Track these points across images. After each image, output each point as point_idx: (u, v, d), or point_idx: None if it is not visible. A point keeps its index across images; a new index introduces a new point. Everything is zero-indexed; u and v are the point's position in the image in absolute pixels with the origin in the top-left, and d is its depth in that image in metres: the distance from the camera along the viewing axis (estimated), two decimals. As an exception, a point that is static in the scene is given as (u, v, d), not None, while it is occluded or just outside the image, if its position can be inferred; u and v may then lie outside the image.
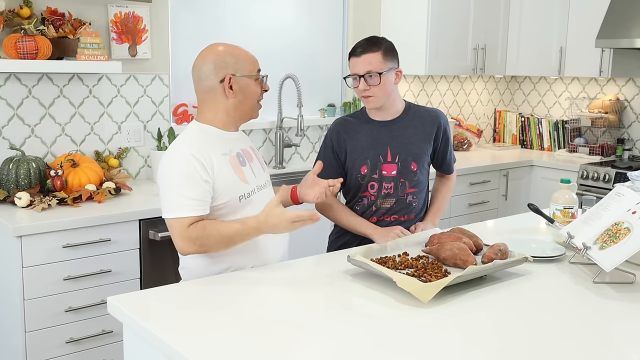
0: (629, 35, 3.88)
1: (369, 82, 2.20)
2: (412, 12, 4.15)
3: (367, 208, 2.34)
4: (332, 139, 2.36)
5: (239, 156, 1.98)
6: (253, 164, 2.04)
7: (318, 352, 1.38)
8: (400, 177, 2.30)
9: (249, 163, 2.02)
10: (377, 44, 2.22)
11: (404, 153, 2.30)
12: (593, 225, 1.99)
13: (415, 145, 2.32)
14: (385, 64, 2.21)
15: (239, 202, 1.93)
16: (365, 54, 2.20)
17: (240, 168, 1.96)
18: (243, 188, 1.94)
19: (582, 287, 1.81)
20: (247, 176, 1.97)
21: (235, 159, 1.96)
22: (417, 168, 2.32)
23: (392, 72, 2.24)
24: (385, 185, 2.30)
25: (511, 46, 4.61)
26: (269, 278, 1.89)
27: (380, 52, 2.20)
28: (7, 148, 2.87)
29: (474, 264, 1.84)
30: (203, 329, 1.48)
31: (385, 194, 2.31)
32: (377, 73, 2.19)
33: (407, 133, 2.31)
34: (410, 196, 2.32)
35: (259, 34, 3.78)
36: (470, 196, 4.11)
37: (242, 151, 2.02)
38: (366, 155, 2.30)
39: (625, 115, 4.53)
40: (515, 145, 4.99)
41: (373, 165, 2.29)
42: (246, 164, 2.00)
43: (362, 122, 2.34)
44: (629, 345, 1.48)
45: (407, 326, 1.53)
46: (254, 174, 2.01)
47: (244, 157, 2.01)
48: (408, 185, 2.32)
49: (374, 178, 2.30)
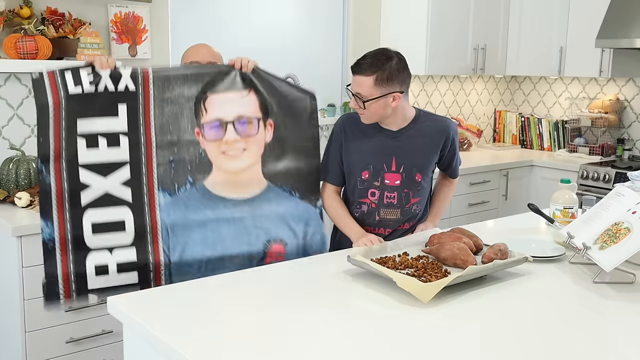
0: (629, 35, 3.87)
1: (357, 102, 2.14)
2: (412, 12, 4.15)
3: (368, 216, 2.27)
4: (339, 133, 2.30)
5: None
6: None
7: (318, 352, 1.38)
8: (404, 188, 2.24)
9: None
10: (376, 66, 2.08)
11: (409, 164, 2.23)
12: (593, 225, 1.99)
13: (421, 156, 2.25)
14: (375, 90, 2.09)
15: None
16: (359, 75, 2.11)
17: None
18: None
19: (582, 287, 1.81)
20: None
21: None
22: (422, 178, 2.26)
23: (385, 98, 2.11)
24: (387, 194, 2.24)
25: (511, 46, 4.61)
26: (269, 278, 1.89)
27: (373, 77, 2.08)
28: (7, 148, 2.87)
29: (474, 264, 1.84)
30: (203, 329, 1.48)
31: (387, 204, 2.25)
32: (361, 100, 2.12)
33: (414, 143, 2.24)
34: (415, 205, 2.29)
35: (259, 33, 3.77)
36: (470, 196, 4.11)
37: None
38: (369, 160, 2.24)
39: (625, 115, 4.53)
40: (515, 145, 4.99)
41: (375, 172, 2.23)
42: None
43: (370, 125, 2.24)
44: (629, 345, 1.47)
45: (407, 326, 1.53)
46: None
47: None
48: (412, 196, 2.26)
49: (375, 185, 2.24)
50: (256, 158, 2.21)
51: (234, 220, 2.18)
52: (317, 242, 2.28)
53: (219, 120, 2.16)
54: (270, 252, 2.21)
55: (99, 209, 2.08)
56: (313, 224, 2.27)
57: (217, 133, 2.16)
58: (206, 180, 2.17)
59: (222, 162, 2.17)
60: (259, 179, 2.22)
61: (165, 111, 2.14)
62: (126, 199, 2.11)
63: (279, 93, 2.23)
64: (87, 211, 2.07)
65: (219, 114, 2.16)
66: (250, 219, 2.19)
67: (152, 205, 2.14)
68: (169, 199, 2.14)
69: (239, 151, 2.18)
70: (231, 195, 2.18)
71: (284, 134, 2.24)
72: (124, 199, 2.10)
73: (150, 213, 2.13)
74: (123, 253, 2.10)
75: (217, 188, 2.17)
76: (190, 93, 2.15)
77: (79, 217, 2.06)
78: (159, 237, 2.14)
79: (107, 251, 2.08)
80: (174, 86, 2.14)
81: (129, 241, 2.11)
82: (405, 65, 2.16)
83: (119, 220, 2.10)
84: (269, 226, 2.21)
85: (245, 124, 2.18)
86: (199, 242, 2.15)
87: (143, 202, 2.13)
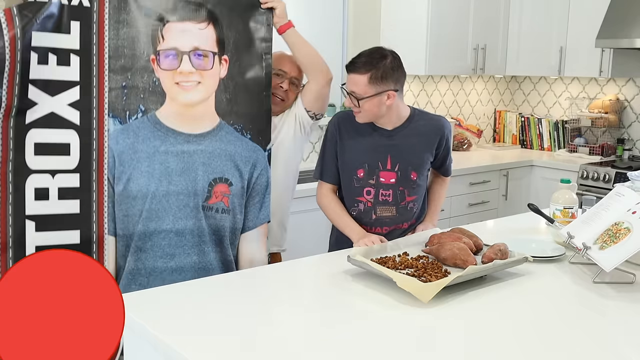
0: (629, 35, 3.88)
1: (352, 100, 2.15)
2: (412, 12, 4.15)
3: (365, 215, 2.28)
4: (334, 132, 2.30)
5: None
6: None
7: (318, 352, 1.38)
8: (399, 186, 2.25)
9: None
10: (371, 65, 2.10)
11: (405, 162, 2.24)
12: (593, 225, 1.99)
13: (416, 155, 2.26)
14: (370, 89, 2.10)
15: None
16: (353, 74, 2.13)
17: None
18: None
19: (582, 287, 1.81)
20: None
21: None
22: (417, 177, 2.27)
23: (380, 96, 2.12)
24: (383, 192, 2.25)
25: (511, 46, 4.61)
26: (269, 278, 1.89)
27: (367, 76, 2.09)
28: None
29: (474, 264, 1.84)
30: (203, 329, 1.48)
31: (383, 201, 2.25)
32: (355, 98, 2.14)
33: (409, 142, 2.25)
34: (411, 203, 2.29)
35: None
36: (470, 196, 4.11)
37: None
38: (364, 158, 2.24)
39: (625, 115, 4.53)
40: (515, 145, 4.99)
41: (371, 170, 2.24)
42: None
43: (365, 123, 2.26)
44: (628, 345, 1.47)
45: (407, 326, 1.53)
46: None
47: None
48: (407, 194, 2.27)
49: (371, 184, 2.24)
50: (210, 92, 2.18)
51: (182, 154, 2.15)
52: (262, 184, 2.27)
53: (175, 49, 2.12)
54: (215, 191, 2.19)
55: (44, 129, 2.01)
56: (260, 167, 2.26)
57: (172, 62, 2.13)
58: (158, 111, 2.13)
59: (176, 93, 2.14)
60: (211, 114, 2.19)
61: (120, 33, 2.08)
62: (73, 121, 2.04)
63: (235, 30, 2.19)
64: (31, 131, 2.01)
65: (176, 43, 2.12)
66: (199, 154, 2.17)
67: (100, 130, 2.07)
68: (118, 127, 2.09)
69: (194, 84, 2.15)
70: (183, 129, 2.16)
71: (237, 72, 2.21)
72: (70, 120, 2.04)
73: (98, 139, 2.07)
74: (66, 178, 2.04)
75: (169, 120, 2.14)
76: (148, 17, 2.10)
77: (22, 136, 1.99)
78: (105, 165, 2.08)
79: (49, 174, 2.02)
80: (131, 7, 2.09)
81: (73, 166, 2.05)
82: (399, 64, 2.16)
83: (63, 142, 2.03)
84: (217, 164, 2.19)
85: (201, 57, 2.15)
86: (145, 174, 2.11)
87: (91, 127, 2.06)
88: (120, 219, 2.12)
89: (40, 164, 2.02)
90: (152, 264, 2.15)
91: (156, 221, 2.14)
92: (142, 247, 2.14)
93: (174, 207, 2.15)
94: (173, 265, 2.17)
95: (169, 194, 2.14)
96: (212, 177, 2.19)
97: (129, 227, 2.13)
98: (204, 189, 2.17)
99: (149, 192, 2.12)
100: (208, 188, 2.18)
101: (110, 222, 2.11)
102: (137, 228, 2.13)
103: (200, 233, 2.19)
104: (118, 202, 2.11)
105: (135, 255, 2.14)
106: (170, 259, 2.16)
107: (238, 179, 2.22)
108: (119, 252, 2.14)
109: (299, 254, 2.15)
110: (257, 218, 2.28)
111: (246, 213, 2.27)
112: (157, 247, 2.15)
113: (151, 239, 2.14)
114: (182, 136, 2.15)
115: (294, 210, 3.08)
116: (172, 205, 2.14)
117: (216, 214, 2.20)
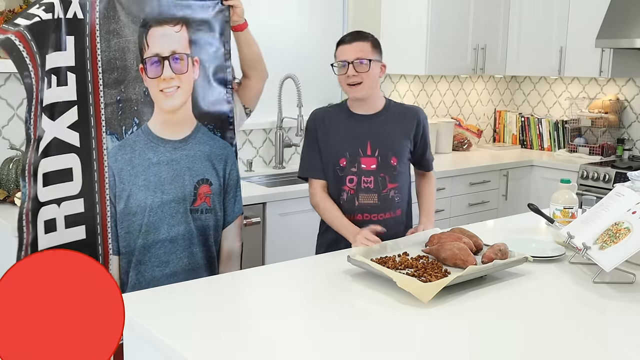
0: (629, 35, 3.88)
1: (357, 68, 2.21)
2: (412, 12, 4.14)
3: (348, 204, 2.30)
4: (313, 128, 2.35)
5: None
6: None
7: (318, 352, 1.39)
8: (380, 172, 2.28)
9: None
10: (365, 36, 2.28)
11: (385, 147, 2.29)
12: (593, 225, 1.99)
13: (395, 140, 2.32)
14: (373, 54, 2.25)
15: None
16: (356, 42, 2.24)
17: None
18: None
19: (582, 287, 1.81)
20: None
21: None
22: (397, 162, 2.30)
23: (378, 65, 2.28)
24: (365, 179, 2.28)
25: (511, 46, 4.61)
26: (269, 278, 1.89)
27: (369, 43, 2.26)
28: (7, 148, 2.86)
29: (474, 264, 1.84)
30: (203, 329, 1.48)
31: (365, 188, 2.28)
32: (367, 59, 2.22)
33: (387, 128, 2.31)
34: (392, 191, 2.30)
35: (259, 33, 3.73)
36: (470, 196, 4.11)
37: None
38: (345, 147, 2.29)
39: (625, 115, 4.53)
40: (515, 145, 4.99)
41: (352, 157, 2.28)
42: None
43: (342, 113, 2.35)
44: (629, 345, 1.48)
45: (407, 326, 1.53)
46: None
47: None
48: (389, 180, 2.30)
49: (353, 171, 2.28)
50: (188, 96, 2.19)
51: (171, 162, 2.15)
52: (234, 179, 2.31)
53: (157, 55, 2.11)
54: (200, 193, 2.21)
55: (49, 158, 1.94)
56: (230, 162, 2.30)
57: (157, 70, 2.11)
58: (150, 122, 2.12)
59: (161, 101, 2.13)
60: (190, 118, 2.19)
61: (111, 45, 2.03)
62: (74, 144, 1.98)
63: (199, 28, 2.18)
64: (41, 162, 1.94)
65: (157, 49, 2.11)
66: (184, 160, 2.18)
67: (99, 150, 2.02)
68: (116, 143, 2.06)
69: (174, 89, 2.15)
70: (169, 136, 2.16)
71: (204, 72, 2.22)
72: (71, 143, 1.98)
73: (98, 159, 2.02)
74: (70, 205, 1.99)
75: (157, 128, 2.14)
76: (134, 24, 2.06)
77: (37, 169, 1.92)
78: (106, 185, 2.05)
79: (55, 204, 1.98)
80: (120, 15, 2.04)
81: (77, 191, 2.00)
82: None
83: (66, 168, 1.97)
84: (198, 167, 2.21)
85: (178, 61, 2.14)
86: (142, 188, 2.11)
87: (90, 147, 2.00)
88: (122, 237, 2.12)
89: (47, 194, 1.97)
90: (150, 274, 2.16)
91: (154, 233, 2.15)
92: (142, 260, 2.15)
93: (168, 215, 2.16)
94: (168, 271, 2.18)
95: (163, 204, 2.15)
96: (196, 179, 2.21)
97: (130, 243, 2.13)
98: (191, 192, 2.19)
99: (147, 206, 2.13)
100: (194, 191, 2.20)
101: (113, 242, 2.11)
102: (137, 243, 2.13)
103: (190, 236, 2.21)
104: (120, 220, 2.11)
105: (137, 269, 2.15)
106: (166, 266, 2.18)
107: (216, 177, 2.25)
108: (122, 269, 2.14)
109: (299, 254, 2.15)
110: (234, 212, 2.32)
111: (224, 209, 2.29)
112: (154, 257, 2.16)
113: (150, 250, 2.15)
114: (169, 144, 2.16)
115: (288, 211, 3.09)
116: (166, 214, 2.16)
117: (201, 215, 2.23)
